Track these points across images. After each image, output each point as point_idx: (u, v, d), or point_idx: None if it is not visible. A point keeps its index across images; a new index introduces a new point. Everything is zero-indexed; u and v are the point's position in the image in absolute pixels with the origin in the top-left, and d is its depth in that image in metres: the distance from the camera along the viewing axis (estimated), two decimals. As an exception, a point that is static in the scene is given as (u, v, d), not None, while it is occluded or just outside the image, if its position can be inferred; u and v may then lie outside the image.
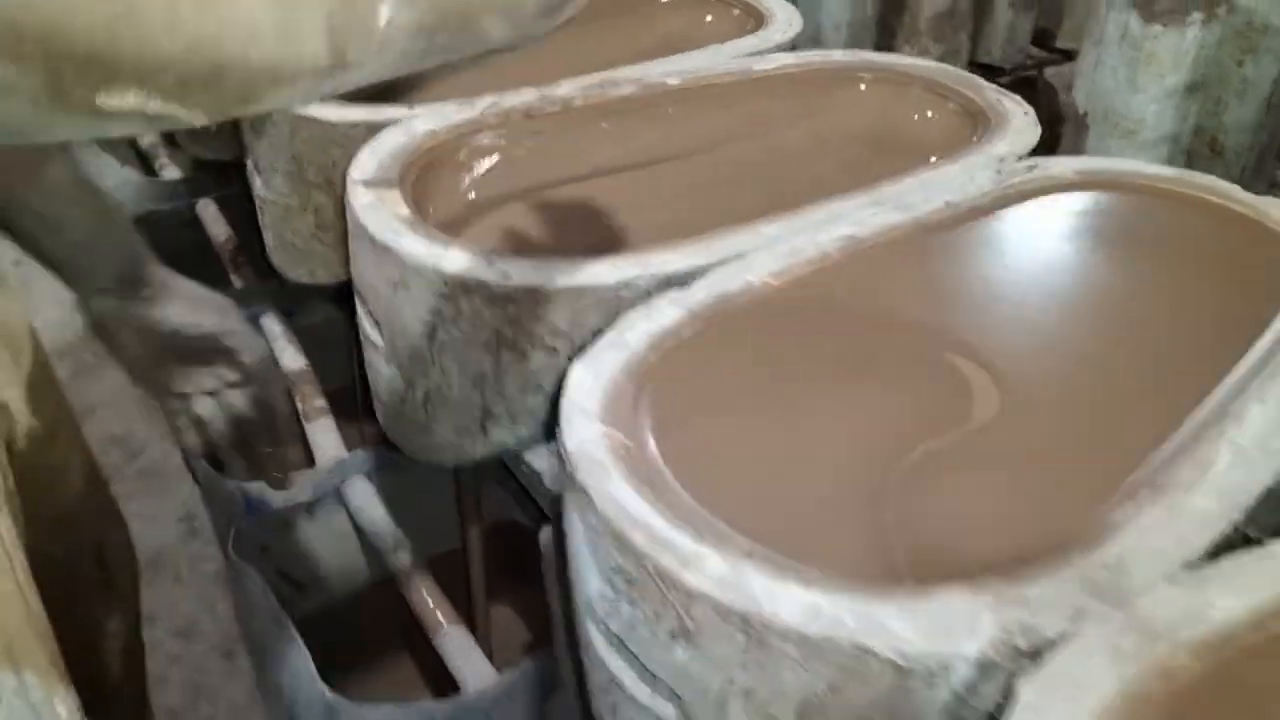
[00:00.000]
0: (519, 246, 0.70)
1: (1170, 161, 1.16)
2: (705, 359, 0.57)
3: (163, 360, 0.76)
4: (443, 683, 0.89)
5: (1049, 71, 1.66)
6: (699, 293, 0.61)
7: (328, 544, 1.04)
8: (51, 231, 0.68)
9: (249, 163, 0.94)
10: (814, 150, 0.83)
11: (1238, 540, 0.47)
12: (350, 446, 1.07)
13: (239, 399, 0.79)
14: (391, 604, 0.97)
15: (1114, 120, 1.19)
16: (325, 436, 1.04)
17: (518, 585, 0.99)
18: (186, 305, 0.77)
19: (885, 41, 1.52)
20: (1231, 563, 0.44)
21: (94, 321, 0.73)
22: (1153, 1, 1.10)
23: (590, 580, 0.49)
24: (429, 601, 0.88)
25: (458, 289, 0.63)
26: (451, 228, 0.70)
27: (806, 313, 0.60)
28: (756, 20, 1.05)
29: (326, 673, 0.83)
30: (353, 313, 0.77)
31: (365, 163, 0.73)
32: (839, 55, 0.93)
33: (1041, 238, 0.68)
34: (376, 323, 0.70)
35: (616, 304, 0.63)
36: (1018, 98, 0.86)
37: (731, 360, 0.57)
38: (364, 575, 1.08)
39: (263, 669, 0.91)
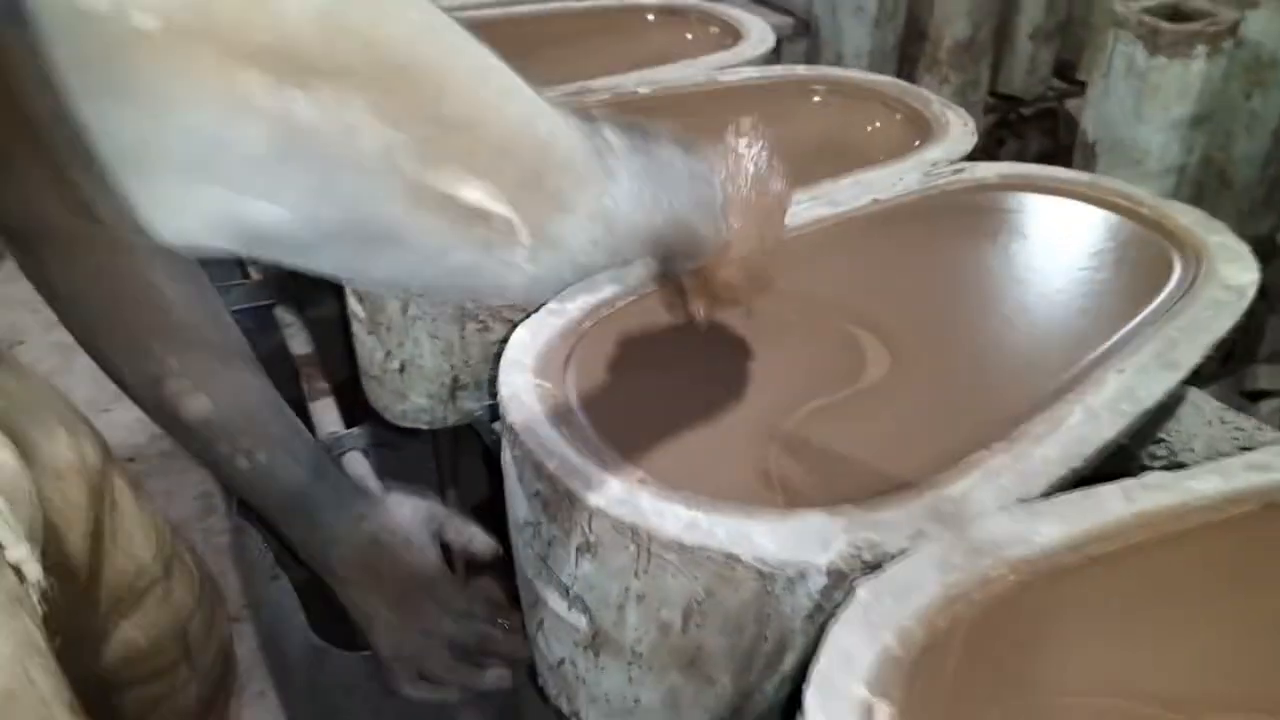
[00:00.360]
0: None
1: (1178, 192, 1.21)
2: (634, 327, 0.64)
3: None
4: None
5: (1070, 103, 1.69)
6: (636, 269, 0.69)
7: (324, 514, 1.12)
8: (322, 474, 0.70)
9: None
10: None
11: (1078, 482, 0.54)
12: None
13: None
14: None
15: (1122, 150, 1.25)
16: (326, 414, 1.13)
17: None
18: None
19: (906, 70, 1.56)
20: (1061, 499, 0.51)
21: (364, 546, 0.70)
22: (1158, 34, 1.16)
23: (519, 508, 0.57)
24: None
25: (426, 265, 0.71)
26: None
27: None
28: (733, 37, 1.13)
29: (319, 630, 0.91)
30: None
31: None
32: (801, 70, 1.01)
33: (952, 232, 0.75)
34: (359, 298, 0.78)
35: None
36: (962, 110, 0.93)
37: (656, 329, 0.64)
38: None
39: (259, 620, 0.99)
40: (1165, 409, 0.70)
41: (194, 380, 0.66)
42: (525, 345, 0.62)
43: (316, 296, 1.34)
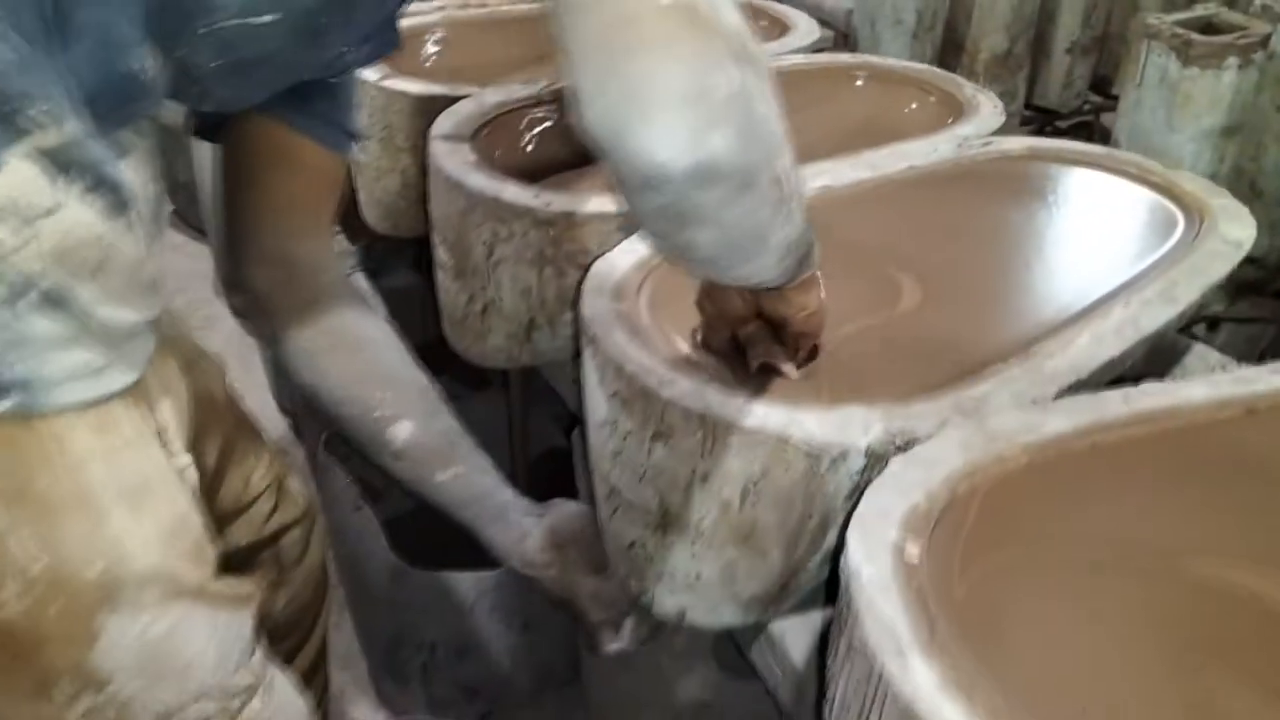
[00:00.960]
0: (561, 186, 0.87)
1: None
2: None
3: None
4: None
5: (1106, 117, 1.69)
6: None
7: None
8: (499, 481, 0.81)
9: (350, 133, 1.13)
10: (811, 130, 0.99)
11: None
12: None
13: None
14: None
15: (1153, 159, 1.32)
16: (400, 370, 1.23)
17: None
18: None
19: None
20: (1068, 400, 0.60)
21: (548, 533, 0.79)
22: (1190, 46, 1.23)
23: (598, 409, 0.66)
24: (480, 496, 1.05)
25: (510, 214, 0.81)
26: (509, 172, 0.88)
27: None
28: (781, 29, 1.22)
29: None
30: (429, 277, 0.94)
31: (443, 123, 0.92)
32: (844, 57, 1.10)
33: (981, 193, 0.84)
34: (447, 246, 0.88)
35: (634, 230, 0.80)
36: (992, 94, 1.01)
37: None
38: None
39: (341, 545, 1.09)
40: (1171, 357, 0.78)
41: (398, 410, 0.79)
42: (603, 276, 0.71)
43: (391, 266, 1.44)
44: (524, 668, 1.09)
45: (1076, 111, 1.75)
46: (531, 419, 1.19)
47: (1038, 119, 1.71)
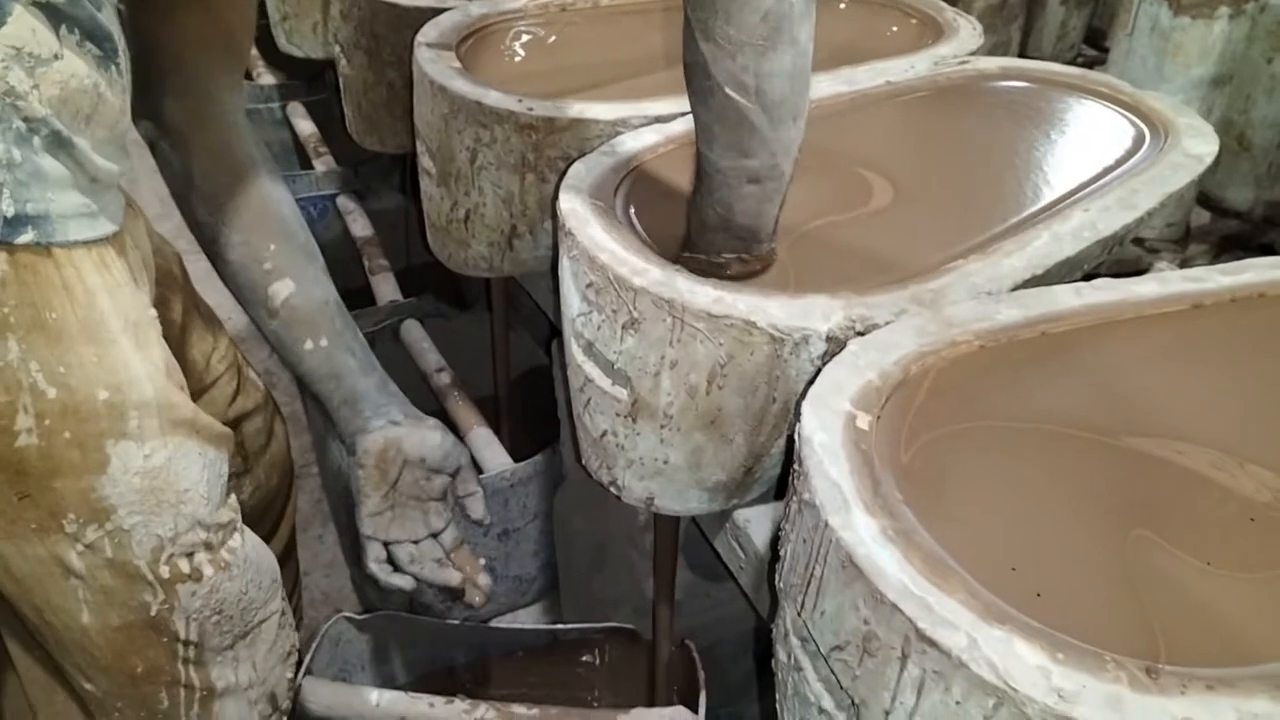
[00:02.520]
0: (542, 93, 0.88)
1: None
2: (669, 165, 0.75)
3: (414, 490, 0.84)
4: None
5: (1099, 69, 1.72)
6: (677, 125, 0.80)
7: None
8: (368, 371, 0.82)
9: (336, 47, 1.14)
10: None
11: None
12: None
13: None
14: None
15: None
16: (385, 286, 1.25)
17: (537, 418, 1.18)
18: (450, 437, 0.85)
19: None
20: (1022, 292, 0.62)
21: (381, 450, 0.80)
22: None
23: (572, 302, 0.68)
24: (461, 407, 1.08)
25: (493, 118, 0.82)
26: (492, 79, 0.89)
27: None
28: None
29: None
30: (416, 196, 0.95)
31: (429, 31, 0.93)
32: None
33: (955, 108, 0.86)
34: (431, 153, 0.90)
35: (614, 136, 0.82)
36: (972, 18, 1.03)
37: (689, 166, 0.76)
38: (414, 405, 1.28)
39: (325, 456, 1.12)
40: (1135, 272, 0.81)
41: (284, 267, 0.79)
42: (581, 174, 0.73)
43: (376, 189, 1.46)
44: (501, 576, 1.12)
45: (1071, 63, 1.75)
46: (513, 339, 1.21)
47: (1032, 73, 1.71)
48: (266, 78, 1.67)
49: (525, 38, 0.98)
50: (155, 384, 0.59)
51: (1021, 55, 1.68)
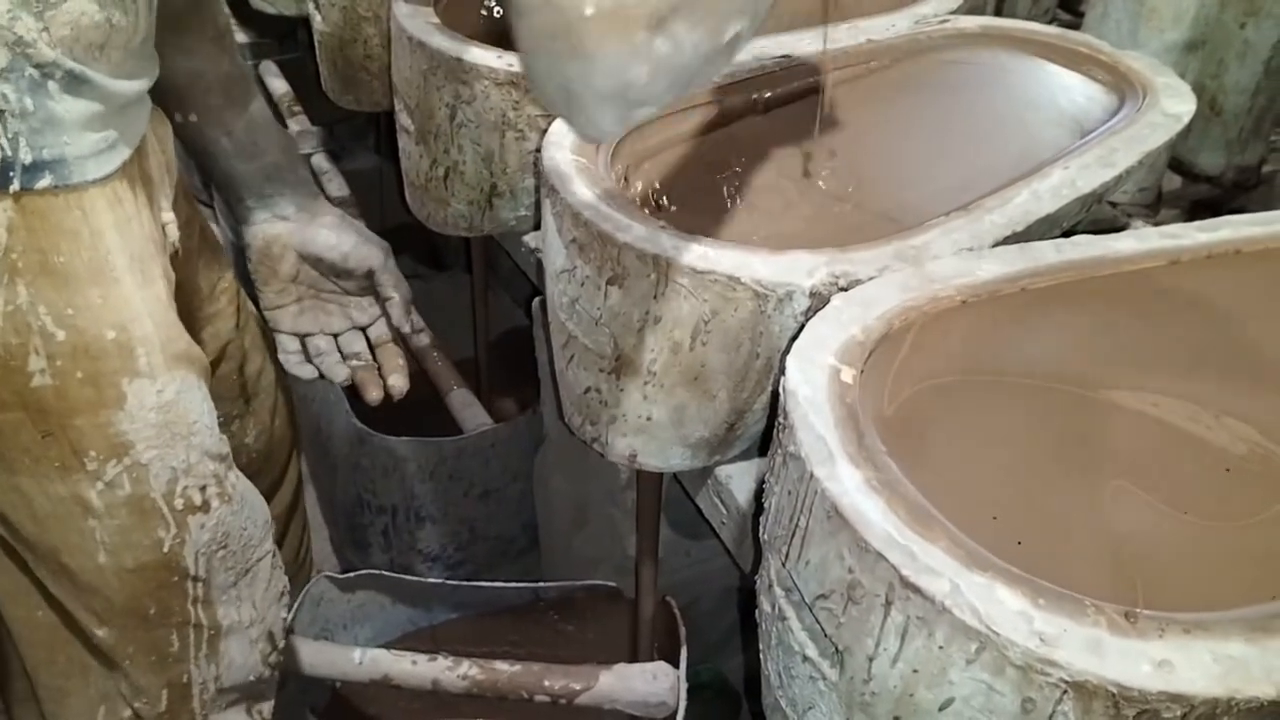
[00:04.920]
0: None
1: None
2: (659, 127, 0.75)
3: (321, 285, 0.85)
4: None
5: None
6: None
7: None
8: (250, 157, 0.79)
9: (310, 3, 1.12)
10: (775, 9, 1.00)
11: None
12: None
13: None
14: (417, 391, 1.17)
15: None
16: (362, 247, 1.24)
17: (517, 380, 1.18)
18: (352, 237, 0.84)
19: None
20: (1003, 249, 0.63)
21: (263, 246, 0.81)
22: None
23: (556, 258, 0.68)
24: (441, 368, 1.08)
25: (472, 74, 0.81)
26: (472, 35, 0.88)
27: (740, 103, 0.79)
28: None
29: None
30: (392, 157, 0.94)
31: (407, -14, 0.92)
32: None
33: (936, 65, 0.86)
34: (409, 110, 0.89)
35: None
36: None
37: (678, 132, 0.75)
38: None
39: (305, 413, 1.11)
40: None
41: (170, 40, 0.72)
42: (564, 131, 0.72)
43: (352, 149, 1.44)
44: (482, 535, 1.13)
45: (1046, 29, 1.76)
46: (492, 300, 1.21)
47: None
48: (239, 36, 1.63)
49: (504, -6, 0.97)
50: (155, 319, 0.61)
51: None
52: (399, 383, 0.84)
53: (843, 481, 0.46)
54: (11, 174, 0.53)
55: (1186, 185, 1.53)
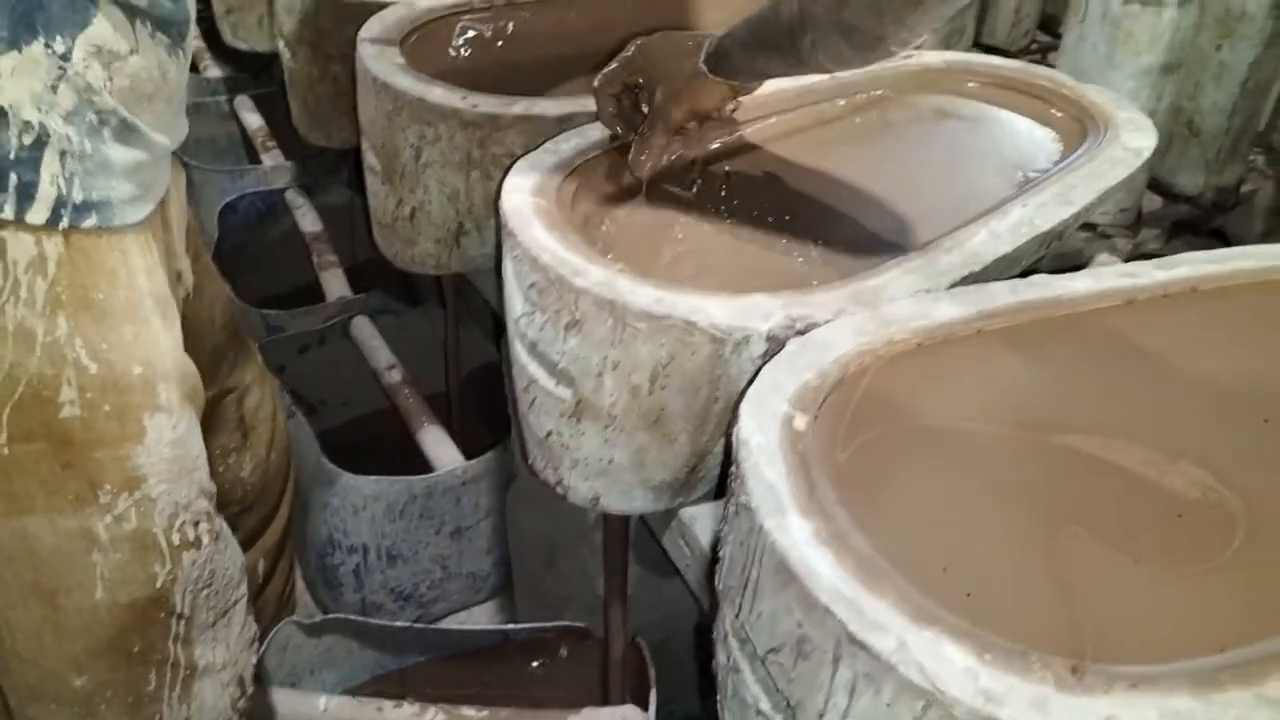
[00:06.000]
0: (485, 91, 0.88)
1: None
2: (615, 167, 0.75)
3: None
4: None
5: (1053, 56, 1.73)
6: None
7: (335, 371, 1.24)
8: None
9: (280, 42, 1.13)
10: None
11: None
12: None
13: None
14: (388, 428, 1.16)
15: None
16: (334, 282, 1.24)
17: (490, 414, 1.17)
18: None
19: None
20: (959, 290, 0.63)
21: None
22: None
23: (515, 304, 0.68)
24: (413, 404, 1.07)
25: (436, 116, 0.81)
26: (438, 75, 0.88)
27: (705, 136, 0.79)
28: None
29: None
30: (364, 192, 0.94)
31: (372, 27, 0.92)
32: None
33: (899, 103, 0.86)
34: (375, 150, 0.89)
35: (559, 133, 0.81)
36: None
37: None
38: (363, 404, 1.27)
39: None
40: (1078, 264, 0.82)
41: None
42: (524, 172, 0.72)
43: (325, 183, 1.44)
44: (455, 573, 1.12)
45: (1024, 50, 1.78)
46: (465, 334, 1.21)
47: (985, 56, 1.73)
48: (213, 70, 1.64)
49: (472, 32, 0.97)
50: (174, 357, 0.64)
51: (976, 42, 1.69)
52: None
53: (792, 534, 0.45)
54: (63, 211, 0.56)
55: (1166, 205, 1.54)
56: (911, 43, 0.58)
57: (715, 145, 0.80)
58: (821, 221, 0.72)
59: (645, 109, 0.75)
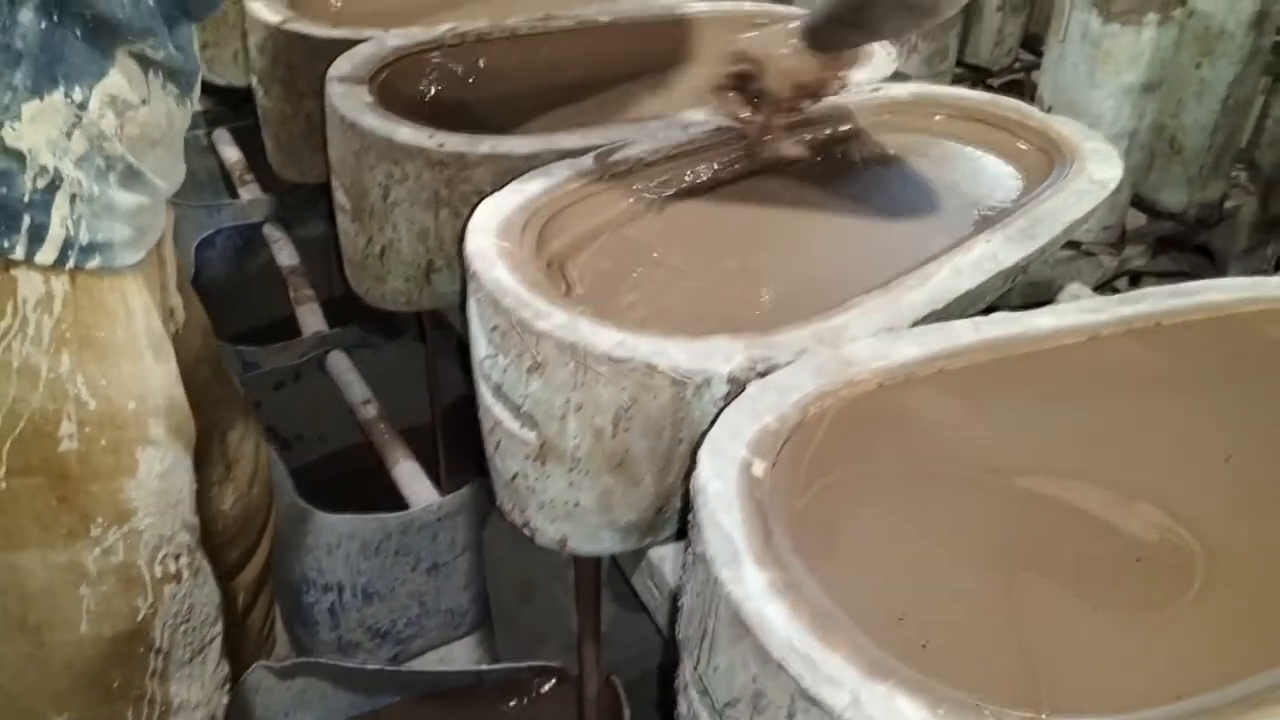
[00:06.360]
0: (456, 128, 0.88)
1: (1130, 157, 1.30)
2: (582, 206, 0.75)
3: None
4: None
5: (1036, 75, 1.76)
6: (587, 160, 0.79)
7: (311, 407, 1.23)
8: None
9: (253, 78, 1.13)
10: (708, 74, 1.01)
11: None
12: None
13: None
14: (366, 462, 1.16)
15: (1075, 115, 1.34)
16: (311, 317, 1.24)
17: (473, 446, 1.17)
18: None
19: None
20: (921, 329, 0.63)
21: None
22: (1111, 1, 1.26)
23: (479, 346, 0.68)
24: (388, 440, 1.07)
25: (404, 155, 0.81)
26: (407, 113, 0.88)
27: (671, 178, 0.79)
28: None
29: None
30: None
31: (341, 65, 0.92)
32: (747, 5, 1.12)
33: (864, 135, 0.86)
34: (344, 189, 0.88)
35: (527, 171, 0.81)
36: (888, 44, 1.03)
37: (603, 201, 0.75)
38: (340, 439, 1.27)
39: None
40: (1048, 295, 0.82)
41: None
42: (489, 214, 0.72)
43: (302, 217, 1.44)
44: (433, 609, 1.11)
45: (1008, 69, 1.79)
46: (446, 366, 1.21)
47: (969, 76, 1.75)
48: (192, 104, 1.64)
49: (443, 68, 0.98)
50: (165, 393, 0.67)
51: (960, 62, 1.70)
52: None
53: (747, 585, 0.45)
54: (70, 252, 0.59)
55: (1150, 222, 1.55)
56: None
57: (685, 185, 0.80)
58: (785, 260, 0.72)
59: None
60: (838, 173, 0.83)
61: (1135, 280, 1.75)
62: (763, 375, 0.59)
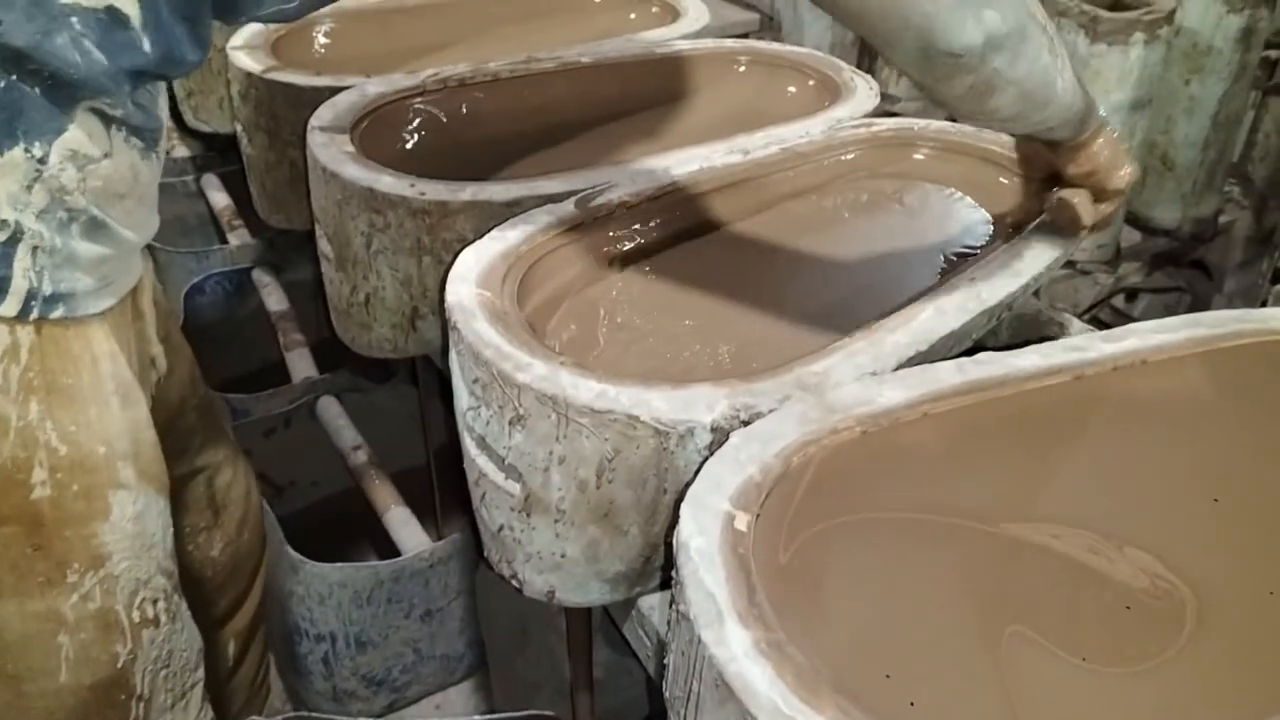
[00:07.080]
0: (437, 175, 0.88)
1: None
2: (561, 254, 0.75)
3: None
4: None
5: None
6: (568, 206, 0.79)
7: (302, 453, 1.23)
8: None
9: (238, 126, 1.13)
10: (693, 116, 1.01)
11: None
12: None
13: None
14: (355, 508, 1.15)
15: None
16: (301, 362, 1.23)
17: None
18: None
19: (865, 62, 1.64)
20: (905, 372, 0.62)
21: None
22: (1098, 22, 1.26)
23: (462, 397, 0.67)
24: (378, 486, 1.06)
25: (385, 204, 0.81)
26: (389, 161, 0.88)
27: (653, 218, 0.79)
28: (672, 15, 1.24)
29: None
30: None
31: (323, 114, 0.92)
32: (728, 43, 1.12)
33: (845, 169, 0.86)
34: (328, 237, 0.88)
35: (508, 218, 0.81)
36: (869, 77, 1.04)
37: (582, 249, 0.75)
38: (332, 484, 1.26)
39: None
40: (1035, 328, 0.82)
41: None
42: (470, 263, 0.72)
43: (291, 261, 1.44)
44: (428, 655, 1.10)
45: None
46: (438, 409, 1.20)
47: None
48: (180, 150, 1.64)
49: (424, 115, 0.98)
50: (133, 437, 0.66)
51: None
52: None
53: (730, 646, 0.44)
54: (34, 303, 0.59)
55: (1145, 239, 1.55)
56: None
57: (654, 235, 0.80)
58: (766, 305, 0.72)
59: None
60: (821, 214, 0.83)
61: (1131, 296, 1.75)
62: (746, 423, 0.59)
